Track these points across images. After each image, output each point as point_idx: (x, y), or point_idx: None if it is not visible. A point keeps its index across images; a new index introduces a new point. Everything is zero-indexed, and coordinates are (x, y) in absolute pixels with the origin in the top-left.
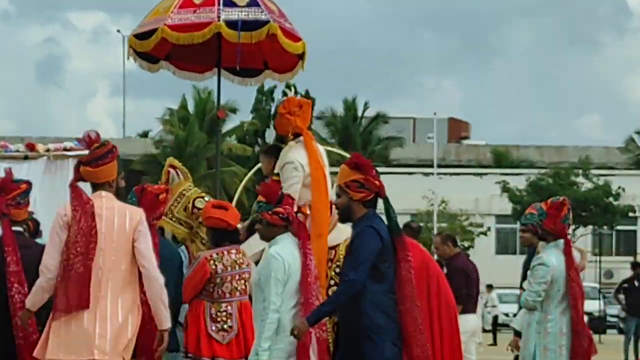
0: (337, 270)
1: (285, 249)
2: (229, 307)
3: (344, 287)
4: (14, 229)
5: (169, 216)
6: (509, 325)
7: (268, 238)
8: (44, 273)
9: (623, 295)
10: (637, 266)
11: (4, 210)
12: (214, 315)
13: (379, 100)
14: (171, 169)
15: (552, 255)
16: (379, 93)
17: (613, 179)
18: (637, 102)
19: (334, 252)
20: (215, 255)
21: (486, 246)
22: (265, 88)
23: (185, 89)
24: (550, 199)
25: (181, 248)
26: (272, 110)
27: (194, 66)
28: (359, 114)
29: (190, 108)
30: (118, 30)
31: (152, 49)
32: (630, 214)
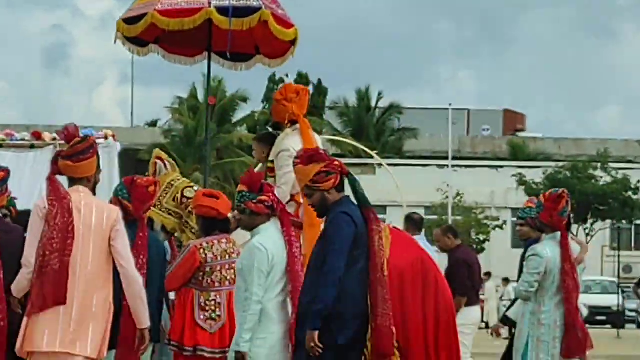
0: None
1: (268, 239)
2: (218, 297)
3: (326, 280)
4: None
5: (158, 207)
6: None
7: (251, 227)
8: (26, 266)
9: None
10: None
11: None
12: (202, 304)
13: (392, 91)
14: (158, 161)
15: (548, 246)
16: (393, 83)
17: (632, 173)
18: None
19: None
20: (205, 244)
21: (502, 240)
22: (277, 77)
23: (195, 77)
24: (550, 191)
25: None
26: None
27: (184, 50)
28: (373, 104)
29: (200, 97)
30: None
31: (142, 33)
32: None
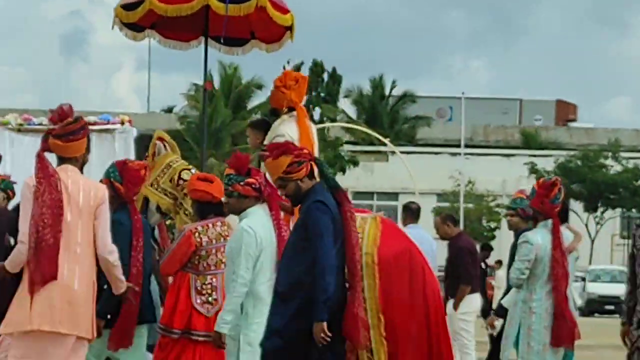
0: None
1: (256, 221)
2: (214, 280)
3: (323, 271)
4: None
5: (154, 186)
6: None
7: (239, 211)
8: (22, 242)
9: None
10: None
11: None
12: (199, 287)
13: (406, 79)
14: (158, 142)
15: (539, 234)
16: (407, 72)
17: None
18: None
19: None
20: (200, 228)
21: None
22: (292, 64)
23: (211, 64)
24: (542, 178)
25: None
26: None
27: (179, 35)
28: (386, 92)
29: (216, 84)
30: None
31: (139, 19)
32: None
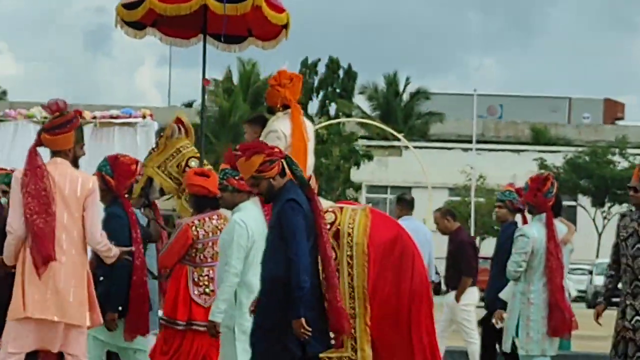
0: None
1: (248, 215)
2: (210, 272)
3: (296, 268)
4: None
5: (162, 168)
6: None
7: (232, 205)
8: (9, 232)
9: None
10: None
11: None
12: (196, 279)
13: (420, 77)
14: (175, 124)
15: (534, 227)
16: (421, 69)
17: None
18: None
19: None
20: (197, 222)
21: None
22: (309, 61)
23: (230, 60)
24: (536, 174)
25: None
26: (316, 83)
27: (180, 32)
28: (401, 89)
29: (235, 79)
30: None
31: (140, 17)
32: None
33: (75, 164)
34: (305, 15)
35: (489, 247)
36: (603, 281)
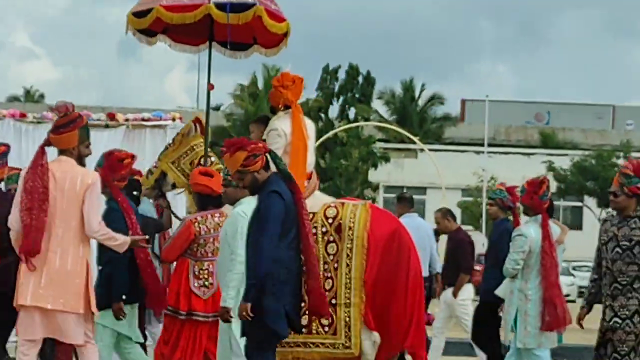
0: (314, 231)
1: (250, 208)
2: (210, 266)
3: (260, 258)
4: None
5: (175, 164)
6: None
7: (235, 200)
8: (11, 227)
9: None
10: None
11: None
12: (196, 272)
13: (435, 82)
14: (193, 123)
15: (532, 227)
16: (436, 76)
17: None
18: None
19: (312, 216)
20: (199, 218)
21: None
22: (329, 68)
23: (255, 66)
24: (532, 177)
25: (148, 208)
26: (336, 89)
27: (189, 39)
28: (416, 94)
29: (260, 84)
30: None
31: (151, 25)
32: None
33: (80, 162)
34: (326, 25)
35: None
36: (587, 285)
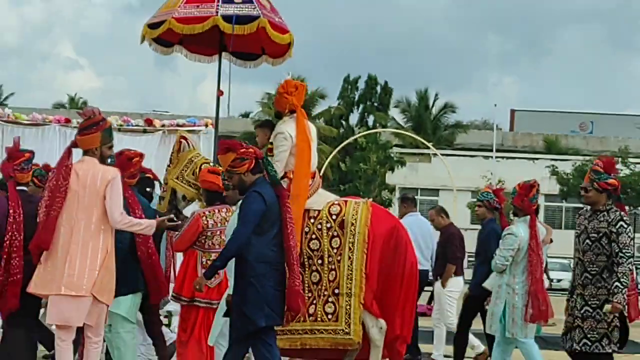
0: (319, 226)
1: None
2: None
3: (231, 242)
4: (19, 188)
5: (180, 179)
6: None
7: (236, 202)
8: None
9: None
10: None
11: (10, 174)
12: (204, 263)
13: (447, 92)
14: (183, 140)
15: (521, 227)
16: (448, 86)
17: None
18: None
19: (317, 212)
20: (207, 212)
21: None
22: (350, 78)
23: (282, 76)
24: (523, 181)
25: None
26: (356, 98)
27: (203, 50)
28: (430, 103)
29: None
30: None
31: (167, 36)
32: None
33: (103, 162)
34: (347, 38)
35: None
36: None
